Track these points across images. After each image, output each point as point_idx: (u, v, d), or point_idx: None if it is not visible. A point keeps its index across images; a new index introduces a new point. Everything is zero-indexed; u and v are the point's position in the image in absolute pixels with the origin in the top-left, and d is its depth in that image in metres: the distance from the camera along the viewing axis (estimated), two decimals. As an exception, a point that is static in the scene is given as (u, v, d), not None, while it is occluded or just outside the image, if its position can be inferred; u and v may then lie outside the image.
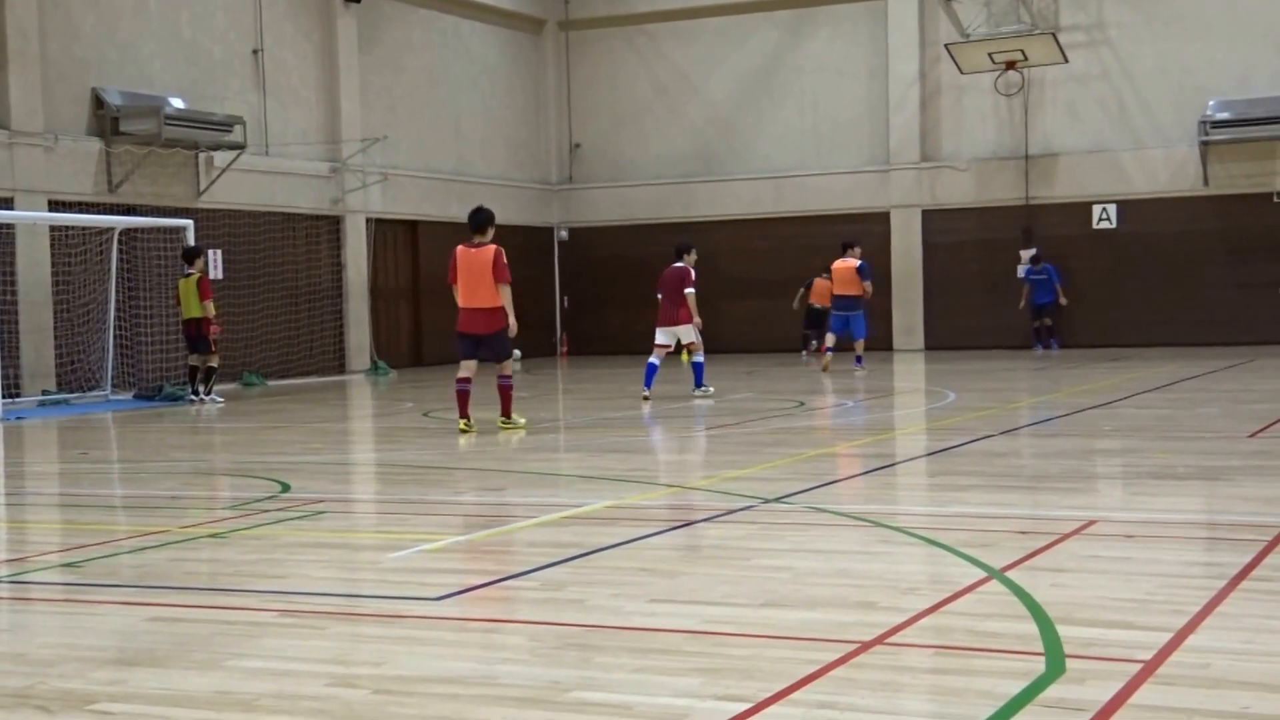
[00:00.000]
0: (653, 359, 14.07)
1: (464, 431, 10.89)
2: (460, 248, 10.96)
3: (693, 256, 14.38)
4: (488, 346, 10.96)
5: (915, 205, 24.01)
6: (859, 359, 17.64)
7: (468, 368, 11.03)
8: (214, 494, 8.60)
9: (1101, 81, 22.95)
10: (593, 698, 3.62)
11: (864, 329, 17.60)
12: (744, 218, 24.75)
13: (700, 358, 14.34)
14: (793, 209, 24.65)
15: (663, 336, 14.16)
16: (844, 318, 17.59)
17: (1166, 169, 22.55)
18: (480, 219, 10.89)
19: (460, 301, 10.92)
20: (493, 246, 10.80)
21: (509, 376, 11.17)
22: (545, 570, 5.36)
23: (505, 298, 10.75)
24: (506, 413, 11.21)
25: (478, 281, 10.76)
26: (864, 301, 17.52)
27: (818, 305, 21.30)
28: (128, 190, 17.93)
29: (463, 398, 11.00)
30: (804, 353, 22.17)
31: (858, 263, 17.37)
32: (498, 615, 4.65)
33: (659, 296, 14.38)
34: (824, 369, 17.52)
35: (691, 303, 13.93)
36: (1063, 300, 22.20)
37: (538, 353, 25.20)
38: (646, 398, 13.69)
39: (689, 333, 14.06)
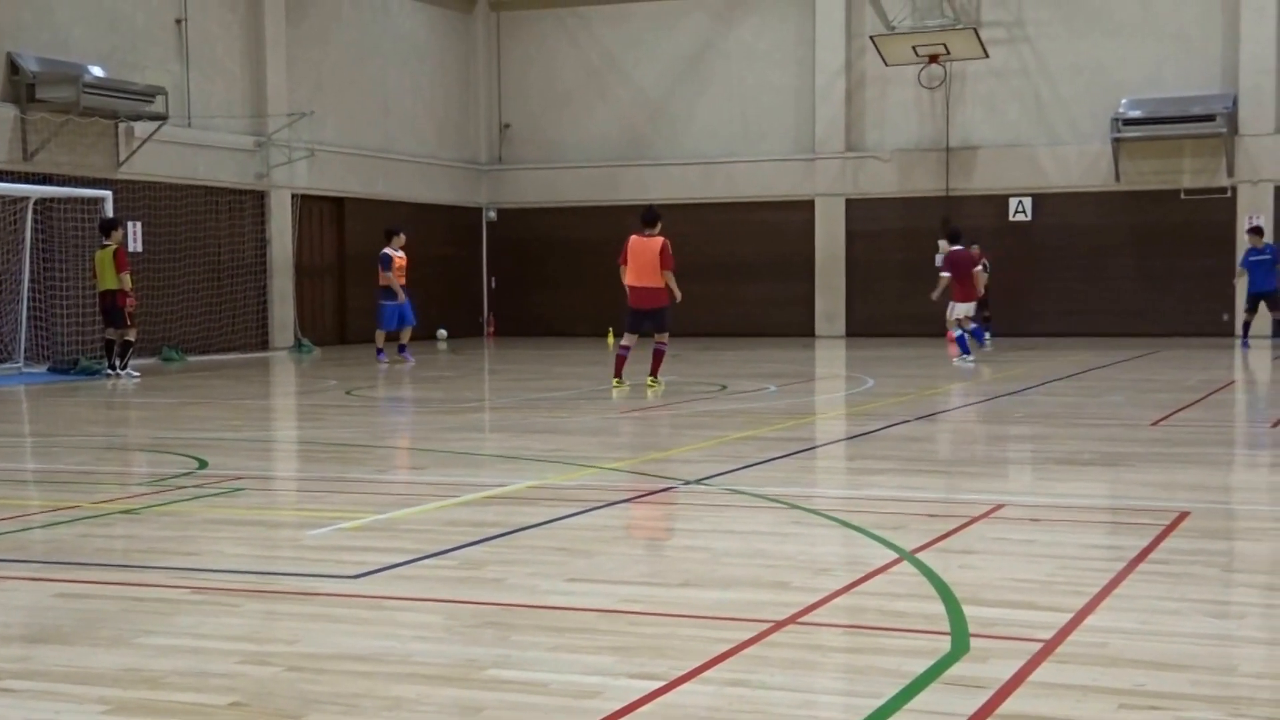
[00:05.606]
0: None
1: (617, 388, 12.71)
2: (634, 236, 12.80)
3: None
4: (651, 319, 12.81)
5: (839, 194, 24.25)
6: (402, 348, 17.72)
7: (630, 338, 12.98)
8: (128, 469, 8.47)
9: (1020, 77, 23.36)
10: (508, 675, 3.65)
11: (382, 319, 17.59)
12: (672, 202, 24.76)
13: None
14: (720, 195, 24.76)
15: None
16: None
17: (1080, 164, 23.03)
18: (651, 215, 12.86)
19: (629, 281, 12.73)
20: (661, 238, 12.68)
21: (664, 344, 12.99)
22: (464, 549, 5.38)
23: (670, 280, 12.66)
24: (654, 372, 12.90)
25: (647, 266, 12.60)
26: (385, 290, 17.53)
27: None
28: (44, 159, 17.49)
29: (620, 361, 12.90)
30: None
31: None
32: (415, 594, 4.66)
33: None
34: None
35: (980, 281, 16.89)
36: None
37: (464, 333, 25.08)
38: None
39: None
